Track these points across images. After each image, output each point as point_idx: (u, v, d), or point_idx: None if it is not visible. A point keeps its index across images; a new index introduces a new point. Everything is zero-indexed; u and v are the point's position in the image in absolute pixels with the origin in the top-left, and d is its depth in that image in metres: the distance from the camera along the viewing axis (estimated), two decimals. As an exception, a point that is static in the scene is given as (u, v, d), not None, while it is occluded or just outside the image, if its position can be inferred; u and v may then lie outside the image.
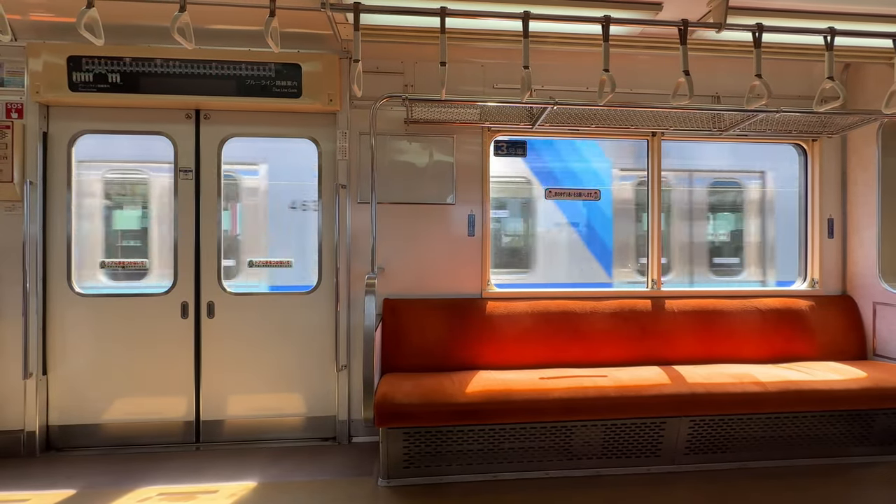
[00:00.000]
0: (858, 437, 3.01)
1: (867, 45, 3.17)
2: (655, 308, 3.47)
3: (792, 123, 3.44)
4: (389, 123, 3.37)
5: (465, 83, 3.38)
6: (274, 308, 3.36)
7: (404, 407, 2.62)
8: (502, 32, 3.08)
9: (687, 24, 2.69)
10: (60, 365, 3.21)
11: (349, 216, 3.34)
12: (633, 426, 2.82)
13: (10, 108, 3.11)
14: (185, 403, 3.29)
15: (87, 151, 3.32)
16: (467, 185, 3.44)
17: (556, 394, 2.72)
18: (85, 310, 3.23)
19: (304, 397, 3.37)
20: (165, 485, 2.72)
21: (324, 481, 2.77)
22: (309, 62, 3.21)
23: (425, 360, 3.20)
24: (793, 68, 3.55)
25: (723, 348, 3.41)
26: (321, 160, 3.39)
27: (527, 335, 3.31)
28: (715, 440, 2.89)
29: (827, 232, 3.72)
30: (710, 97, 3.56)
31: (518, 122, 3.36)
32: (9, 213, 3.10)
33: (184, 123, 3.31)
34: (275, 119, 3.36)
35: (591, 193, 3.74)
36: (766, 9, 2.83)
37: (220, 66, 3.17)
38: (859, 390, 2.88)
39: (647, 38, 3.19)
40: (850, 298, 3.67)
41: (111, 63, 3.10)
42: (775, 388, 2.84)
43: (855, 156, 3.68)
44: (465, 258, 3.43)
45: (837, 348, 3.50)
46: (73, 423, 3.22)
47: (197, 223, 3.31)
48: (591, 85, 3.38)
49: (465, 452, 2.74)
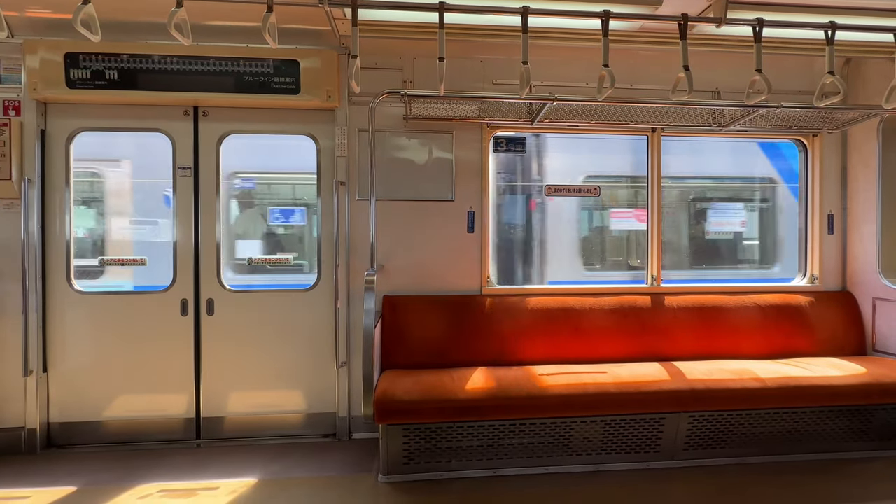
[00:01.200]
0: (858, 433, 3.01)
1: (868, 39, 3.15)
2: (655, 304, 3.47)
3: (792, 119, 3.42)
4: (388, 120, 3.35)
5: (465, 79, 3.37)
6: (273, 305, 3.35)
7: (404, 403, 2.62)
8: (501, 28, 3.07)
9: (687, 19, 2.68)
10: (61, 362, 3.22)
11: (348, 213, 3.34)
12: (632, 422, 2.82)
13: (8, 105, 3.10)
14: (185, 400, 3.30)
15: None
16: (467, 181, 3.43)
17: (556, 390, 2.72)
18: (85, 307, 3.23)
19: (304, 394, 3.38)
20: (166, 482, 2.72)
21: (324, 478, 2.78)
22: (307, 58, 3.19)
23: (425, 356, 3.20)
24: (793, 63, 3.54)
25: (722, 344, 3.41)
26: (320, 157, 3.38)
27: (526, 332, 3.31)
28: (714, 436, 2.90)
29: (827, 228, 3.71)
30: (710, 92, 3.54)
31: (517, 118, 3.35)
32: (7, 210, 3.09)
33: (182, 120, 3.30)
34: (273, 116, 3.35)
35: (590, 190, 3.74)
36: (766, 3, 2.81)
37: (218, 62, 3.15)
38: (859, 386, 2.88)
39: (647, 33, 3.18)
40: (849, 294, 3.67)
41: (108, 60, 3.09)
42: (774, 384, 2.84)
43: (855, 151, 3.67)
44: (464, 255, 3.43)
45: (837, 344, 3.50)
46: (73, 421, 3.22)
47: (196, 220, 3.31)
48: (590, 80, 3.36)
49: (465, 448, 2.75)
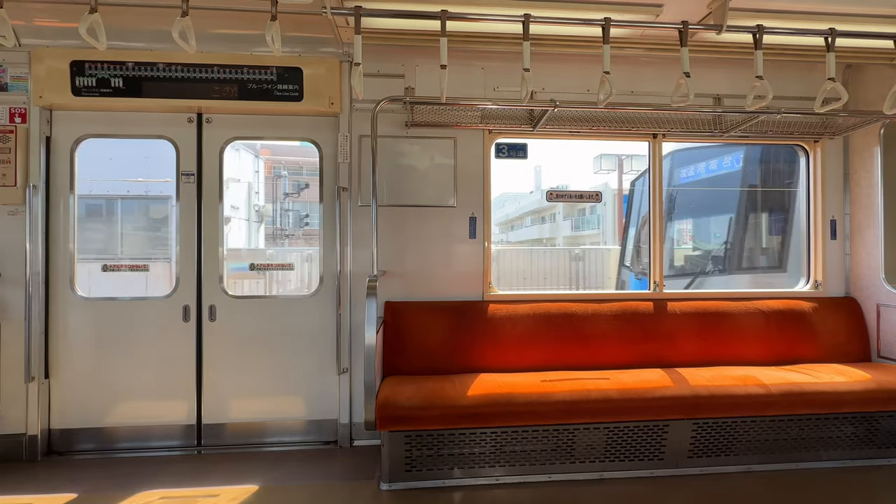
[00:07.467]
0: (863, 440, 2.98)
1: (868, 45, 3.17)
2: (657, 310, 3.46)
3: (793, 125, 3.43)
4: (390, 126, 3.37)
5: (466, 86, 3.39)
6: (275, 311, 3.35)
7: (406, 410, 2.61)
8: (503, 35, 3.09)
9: (687, 26, 2.70)
10: (63, 369, 3.22)
11: (350, 219, 3.35)
12: (635, 429, 2.80)
13: (14, 112, 3.13)
14: (186, 406, 3.29)
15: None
16: (469, 187, 3.44)
17: (559, 396, 2.71)
18: (87, 313, 3.24)
19: (305, 400, 3.37)
20: (167, 488, 2.71)
21: (325, 485, 2.77)
22: (310, 65, 3.22)
23: (427, 362, 3.19)
24: (794, 69, 3.55)
25: (725, 350, 3.39)
26: (322, 163, 3.40)
27: (529, 338, 3.30)
28: (718, 443, 2.88)
29: (830, 233, 3.71)
30: (711, 98, 3.55)
31: (519, 124, 3.36)
32: (12, 216, 3.11)
33: (186, 127, 3.32)
34: (276, 122, 3.38)
35: (592, 195, 3.74)
36: (766, 10, 2.83)
37: (222, 69, 3.18)
38: (863, 392, 2.86)
39: (648, 40, 3.20)
40: (853, 300, 3.65)
41: (114, 67, 3.12)
42: (779, 391, 2.82)
43: (857, 157, 3.67)
44: (466, 261, 3.43)
45: (841, 350, 3.48)
46: (75, 427, 3.22)
47: (199, 226, 3.32)
48: (591, 87, 3.39)
49: (468, 455, 2.73)
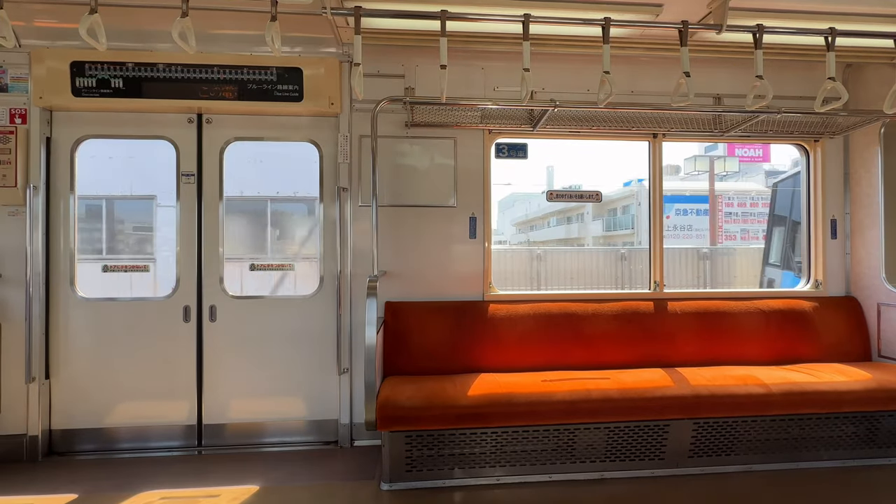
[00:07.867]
0: (864, 440, 2.98)
1: (868, 45, 3.17)
2: (658, 310, 3.46)
3: (793, 124, 3.43)
4: (390, 126, 3.37)
5: (466, 86, 3.39)
6: (276, 311, 3.36)
7: (406, 410, 2.61)
8: (503, 35, 3.09)
9: (687, 26, 2.70)
10: (63, 369, 3.22)
11: (350, 219, 3.35)
12: (636, 429, 2.80)
13: (14, 113, 3.13)
14: (187, 407, 3.29)
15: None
16: (469, 187, 3.44)
17: (559, 396, 2.71)
18: (87, 314, 3.24)
19: (306, 401, 3.37)
20: (168, 489, 2.71)
21: (326, 485, 2.76)
22: (310, 66, 3.22)
23: (427, 363, 3.19)
24: (794, 69, 3.54)
25: (726, 350, 3.39)
26: (322, 163, 3.40)
27: (529, 338, 3.30)
28: (719, 443, 2.88)
29: (830, 233, 3.70)
30: (711, 98, 3.55)
31: (519, 124, 3.36)
32: (12, 217, 3.11)
33: (186, 128, 3.32)
34: (276, 122, 3.38)
35: (592, 195, 3.74)
36: (766, 9, 2.83)
37: (222, 70, 3.18)
38: (864, 392, 2.86)
39: (648, 40, 3.20)
40: (853, 299, 3.65)
41: (114, 68, 3.12)
42: (779, 390, 2.82)
43: (857, 156, 3.66)
44: (466, 260, 3.43)
45: (842, 350, 3.48)
46: (75, 428, 3.22)
47: (199, 227, 3.32)
48: (591, 87, 3.38)
49: (468, 455, 2.73)
